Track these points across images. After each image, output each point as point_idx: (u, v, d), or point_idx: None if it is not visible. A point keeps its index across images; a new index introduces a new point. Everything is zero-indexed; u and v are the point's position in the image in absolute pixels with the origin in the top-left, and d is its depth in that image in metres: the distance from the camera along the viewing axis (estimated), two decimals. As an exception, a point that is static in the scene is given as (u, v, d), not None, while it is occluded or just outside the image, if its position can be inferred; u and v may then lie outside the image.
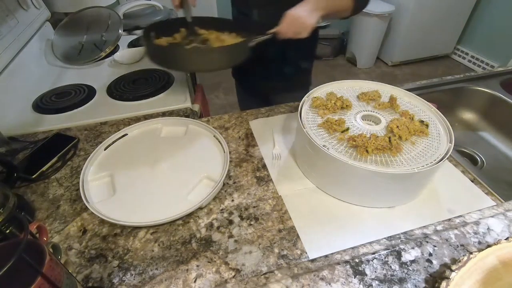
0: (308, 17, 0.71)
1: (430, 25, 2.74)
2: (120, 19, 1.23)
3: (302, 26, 0.72)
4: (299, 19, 0.71)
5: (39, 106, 0.92)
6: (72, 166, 0.72)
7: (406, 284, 0.43)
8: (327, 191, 0.62)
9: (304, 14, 0.72)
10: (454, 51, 3.08)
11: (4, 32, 0.94)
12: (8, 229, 0.50)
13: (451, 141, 0.59)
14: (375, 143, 0.57)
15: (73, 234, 0.57)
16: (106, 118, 0.87)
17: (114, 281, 0.49)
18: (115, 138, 0.75)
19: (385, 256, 0.46)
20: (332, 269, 0.45)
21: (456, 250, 0.47)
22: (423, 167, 0.53)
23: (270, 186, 0.64)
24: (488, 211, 0.53)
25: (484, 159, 0.93)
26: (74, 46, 1.19)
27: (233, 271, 0.50)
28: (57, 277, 0.35)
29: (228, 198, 0.62)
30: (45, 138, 0.79)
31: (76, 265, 0.52)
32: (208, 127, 0.76)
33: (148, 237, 0.56)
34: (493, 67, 2.74)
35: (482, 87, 0.98)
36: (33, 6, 1.15)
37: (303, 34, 0.73)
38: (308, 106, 0.69)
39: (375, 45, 2.90)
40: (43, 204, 0.63)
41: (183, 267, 0.51)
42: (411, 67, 3.02)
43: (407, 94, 0.72)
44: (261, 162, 0.70)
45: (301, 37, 0.73)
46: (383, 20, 2.69)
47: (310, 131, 0.61)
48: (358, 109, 0.68)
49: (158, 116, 0.87)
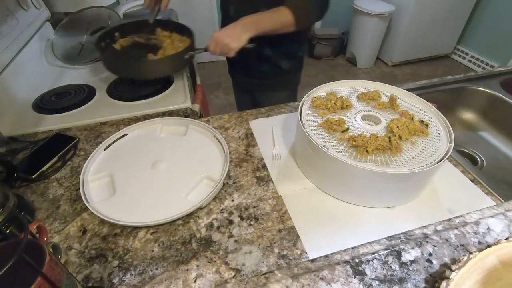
0: (233, 40, 0.78)
1: (430, 25, 2.74)
2: (120, 19, 1.23)
3: (226, 47, 0.79)
4: (223, 41, 0.78)
5: (39, 106, 0.92)
6: (72, 166, 0.72)
7: (406, 284, 0.43)
8: (327, 191, 0.62)
9: (229, 37, 0.78)
10: (454, 51, 3.08)
11: (4, 32, 0.94)
12: (8, 229, 0.50)
13: (451, 141, 0.59)
14: (375, 143, 0.57)
15: (73, 234, 0.57)
16: (106, 118, 0.87)
17: (114, 281, 0.49)
18: (115, 138, 0.75)
19: (385, 256, 0.46)
20: (332, 269, 0.45)
21: (456, 250, 0.47)
22: (423, 167, 0.53)
23: (270, 186, 0.64)
24: (488, 211, 0.53)
25: (484, 159, 0.93)
26: (74, 46, 1.19)
27: (233, 271, 0.50)
28: (57, 277, 0.35)
29: (228, 198, 0.62)
30: (45, 138, 0.79)
31: (76, 265, 0.52)
32: (208, 127, 0.76)
33: (148, 237, 0.56)
34: (493, 67, 2.74)
35: (482, 87, 0.98)
36: (33, 6, 1.15)
37: (229, 54, 0.80)
38: (308, 106, 0.69)
39: (375, 45, 2.90)
40: (43, 204, 0.63)
41: (183, 267, 0.51)
42: (411, 67, 3.02)
43: (407, 94, 0.72)
44: (261, 162, 0.70)
45: (229, 56, 0.81)
46: (383, 20, 2.69)
47: (310, 131, 0.61)
48: (358, 109, 0.68)
49: (158, 116, 0.87)
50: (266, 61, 0.99)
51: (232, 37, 0.78)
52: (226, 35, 0.78)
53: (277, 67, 1.00)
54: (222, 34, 0.79)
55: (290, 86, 1.10)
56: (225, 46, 0.79)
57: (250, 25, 0.80)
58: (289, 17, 0.79)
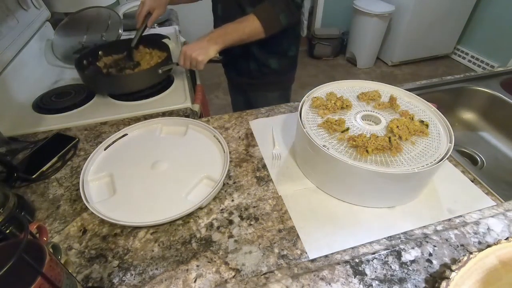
0: (199, 53, 0.81)
1: (430, 25, 2.74)
2: (120, 19, 1.23)
3: (194, 60, 0.82)
4: (190, 55, 0.81)
5: (39, 106, 0.92)
6: (72, 166, 0.72)
7: (406, 284, 0.43)
8: (327, 191, 0.62)
9: (196, 51, 0.81)
10: (454, 51, 3.08)
11: (4, 32, 0.94)
12: (8, 229, 0.51)
13: (451, 141, 0.59)
14: (375, 143, 0.57)
15: (73, 234, 0.57)
16: (106, 118, 0.87)
17: (114, 281, 0.49)
18: (115, 138, 0.75)
19: (385, 256, 0.46)
20: (332, 269, 0.45)
21: (456, 250, 0.47)
22: (423, 167, 0.54)
23: (270, 186, 0.64)
24: (488, 211, 0.53)
25: (484, 159, 0.93)
26: (74, 46, 1.19)
27: (233, 271, 0.50)
28: (57, 277, 0.35)
29: (228, 198, 0.62)
30: (45, 138, 0.79)
31: (76, 265, 0.52)
32: (208, 127, 0.76)
33: (148, 237, 0.56)
34: (493, 67, 2.74)
35: (482, 87, 0.98)
36: (33, 6, 1.15)
37: (198, 67, 0.83)
38: (308, 106, 0.69)
39: (375, 45, 2.90)
40: (43, 204, 0.63)
41: (183, 267, 0.51)
42: (411, 67, 3.02)
43: (407, 94, 0.72)
44: (261, 162, 0.70)
45: (198, 69, 0.84)
46: (383, 20, 2.69)
47: (310, 131, 0.61)
48: (358, 109, 0.68)
49: (158, 116, 0.87)
50: (254, 60, 0.99)
51: (198, 50, 0.81)
52: (193, 48, 0.81)
53: (265, 66, 1.00)
54: (189, 48, 0.81)
55: (282, 86, 1.10)
56: (192, 59, 0.82)
57: (217, 37, 0.82)
58: (256, 25, 0.80)
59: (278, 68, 1.02)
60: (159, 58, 1.02)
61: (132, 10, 1.52)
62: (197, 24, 2.83)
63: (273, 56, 0.99)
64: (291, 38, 0.99)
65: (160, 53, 1.04)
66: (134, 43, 1.02)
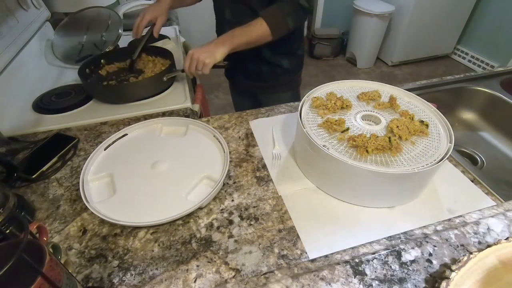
0: (207, 56, 0.79)
1: (430, 25, 2.74)
2: (120, 19, 1.23)
3: (201, 63, 0.80)
4: (198, 57, 0.80)
5: (39, 106, 0.92)
6: (72, 166, 0.72)
7: (406, 284, 0.43)
8: (327, 191, 0.62)
9: (203, 53, 0.80)
10: (454, 51, 3.08)
11: (4, 32, 0.94)
12: (8, 229, 0.51)
13: (451, 141, 0.59)
14: (375, 143, 0.57)
15: (73, 234, 0.57)
16: (106, 118, 0.87)
17: (114, 281, 0.49)
18: (115, 138, 0.75)
19: (385, 256, 0.46)
20: (332, 269, 0.45)
21: (456, 250, 0.47)
22: (423, 167, 0.53)
23: (270, 186, 0.64)
24: (488, 211, 0.53)
25: (484, 159, 0.93)
26: (74, 46, 1.19)
27: (233, 271, 0.50)
28: (57, 277, 0.35)
29: (228, 198, 0.62)
30: (45, 138, 0.79)
31: (76, 265, 0.52)
32: (208, 127, 0.76)
33: (148, 237, 0.56)
34: (493, 67, 2.74)
35: (482, 87, 0.98)
36: (33, 6, 1.15)
37: (204, 70, 0.81)
38: (308, 106, 0.69)
39: (375, 45, 2.90)
40: (43, 204, 0.63)
41: (183, 267, 0.51)
42: (411, 67, 3.02)
43: (407, 94, 0.72)
44: (261, 162, 0.70)
45: (204, 73, 0.82)
46: (383, 20, 2.69)
47: (310, 131, 0.61)
48: (358, 109, 0.68)
49: (158, 116, 0.87)
50: (266, 63, 0.99)
51: (206, 52, 0.80)
52: (200, 51, 0.80)
53: (278, 67, 1.00)
54: (197, 51, 0.80)
55: (293, 86, 1.10)
56: (199, 62, 0.80)
57: (224, 41, 0.81)
58: (264, 28, 0.80)
59: (290, 68, 1.03)
60: (162, 66, 1.02)
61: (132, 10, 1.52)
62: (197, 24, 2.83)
63: (284, 57, 1.00)
64: (299, 38, 1.00)
65: (164, 60, 1.04)
66: (136, 55, 1.01)
